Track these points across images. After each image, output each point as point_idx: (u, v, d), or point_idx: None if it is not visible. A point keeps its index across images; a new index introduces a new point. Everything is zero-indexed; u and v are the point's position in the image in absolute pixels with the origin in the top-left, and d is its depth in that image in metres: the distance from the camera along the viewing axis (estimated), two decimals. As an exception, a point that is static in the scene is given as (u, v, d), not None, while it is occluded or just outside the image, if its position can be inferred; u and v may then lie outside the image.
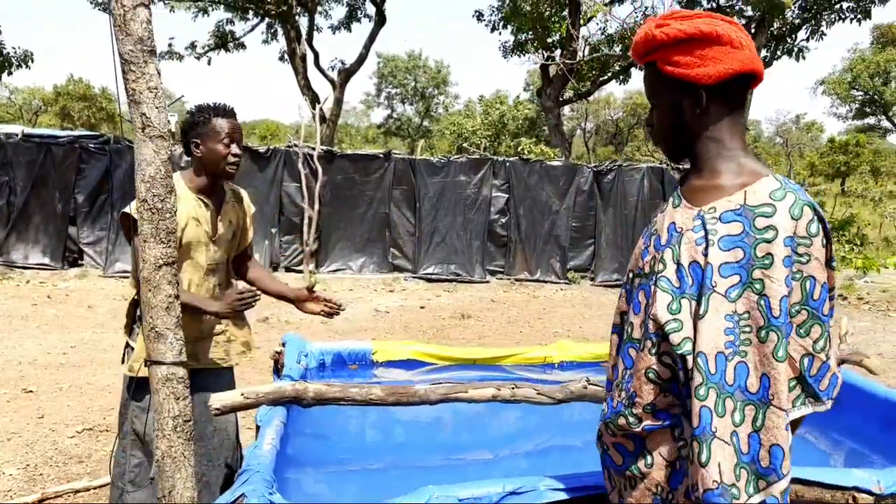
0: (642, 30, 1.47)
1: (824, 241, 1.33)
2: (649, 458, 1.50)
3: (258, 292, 2.55)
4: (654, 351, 1.45)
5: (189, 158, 2.60)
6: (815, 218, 1.32)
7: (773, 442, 1.32)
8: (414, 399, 3.20)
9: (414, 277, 10.86)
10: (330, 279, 10.52)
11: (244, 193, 2.89)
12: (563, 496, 2.11)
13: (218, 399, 2.80)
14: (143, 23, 1.78)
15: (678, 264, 1.41)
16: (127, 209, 2.35)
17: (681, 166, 11.90)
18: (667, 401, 1.45)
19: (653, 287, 1.45)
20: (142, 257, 1.84)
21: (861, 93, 38.88)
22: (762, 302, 1.30)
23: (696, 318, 1.36)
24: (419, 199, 10.86)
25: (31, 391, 5.19)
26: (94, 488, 3.62)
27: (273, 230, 10.58)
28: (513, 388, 3.33)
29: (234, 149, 2.54)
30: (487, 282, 11.02)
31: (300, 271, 10.54)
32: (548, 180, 11.15)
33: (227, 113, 2.55)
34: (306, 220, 10.50)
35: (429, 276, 10.86)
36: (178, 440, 1.87)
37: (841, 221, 18.12)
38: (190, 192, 2.56)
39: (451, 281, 10.83)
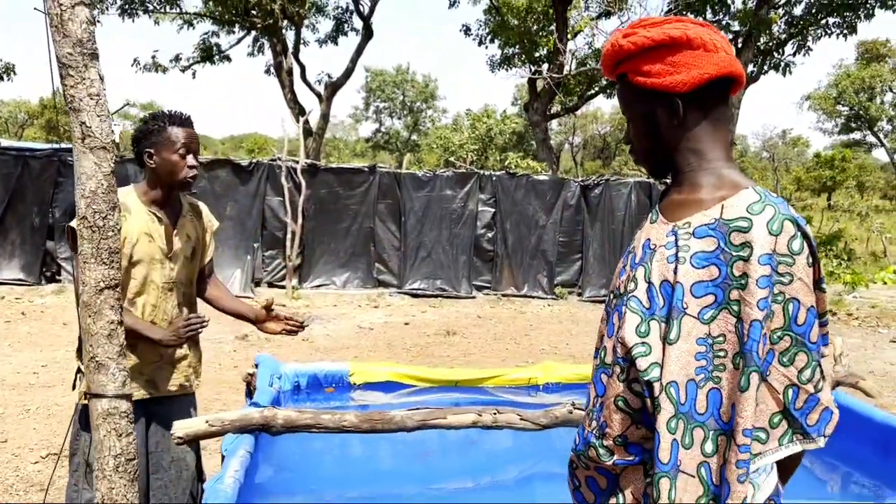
0: (609, 41, 1.37)
1: (810, 260, 1.21)
2: (621, 497, 1.36)
3: (205, 319, 2.38)
4: (622, 377, 1.32)
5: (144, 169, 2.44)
6: (798, 234, 1.20)
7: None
8: (390, 426, 3.03)
9: (399, 293, 10.69)
10: (313, 295, 10.33)
11: (204, 207, 2.73)
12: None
13: (181, 427, 2.63)
14: (83, 23, 1.63)
15: (649, 283, 1.31)
16: (74, 223, 2.18)
17: (668, 181, 11.79)
18: (639, 433, 1.33)
19: (623, 308, 1.34)
20: (82, 280, 1.68)
21: (846, 108, 39.18)
22: (738, 325, 1.19)
23: (666, 342, 1.26)
24: (404, 213, 10.71)
25: (-5, 413, 4.98)
26: (52, 520, 3.42)
27: (255, 245, 10.39)
28: (494, 414, 3.18)
29: (191, 160, 2.39)
30: (474, 297, 10.87)
31: (283, 286, 10.36)
32: (535, 195, 11.03)
33: (183, 121, 2.40)
34: (289, 235, 10.33)
35: (414, 292, 10.69)
36: (119, 481, 1.70)
37: (828, 236, 18.14)
38: (142, 206, 2.40)
39: (436, 296, 10.66)
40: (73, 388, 2.46)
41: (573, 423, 3.10)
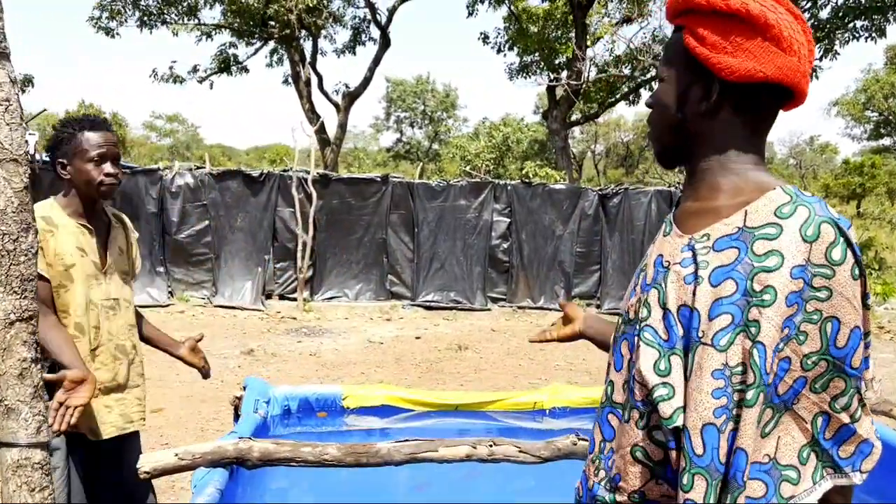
0: None
1: (855, 272, 1.01)
2: None
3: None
4: (641, 424, 1.12)
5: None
6: (841, 240, 1.00)
7: None
8: (375, 459, 2.79)
9: (412, 305, 10.46)
10: (325, 307, 10.15)
11: (125, 217, 2.51)
12: None
13: (148, 461, 2.42)
14: (-11, 15, 1.42)
15: (665, 309, 1.10)
16: None
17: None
18: (659, 489, 1.12)
19: (636, 339, 1.14)
20: (-10, 311, 1.47)
21: (875, 114, 38.42)
22: (755, 351, 0.99)
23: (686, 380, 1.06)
24: (418, 223, 10.49)
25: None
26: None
27: (266, 257, 10.24)
28: (490, 446, 2.92)
29: (108, 167, 2.18)
30: (489, 309, 10.61)
31: (294, 299, 10.18)
32: (551, 204, 10.75)
33: (97, 125, 2.20)
34: (301, 246, 10.16)
35: (428, 304, 10.46)
36: (33, 545, 1.48)
37: (859, 245, 17.64)
38: (69, 219, 2.19)
39: (450, 309, 10.42)
40: None
41: (578, 456, 2.84)
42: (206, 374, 2.70)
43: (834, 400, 1.03)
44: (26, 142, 1.50)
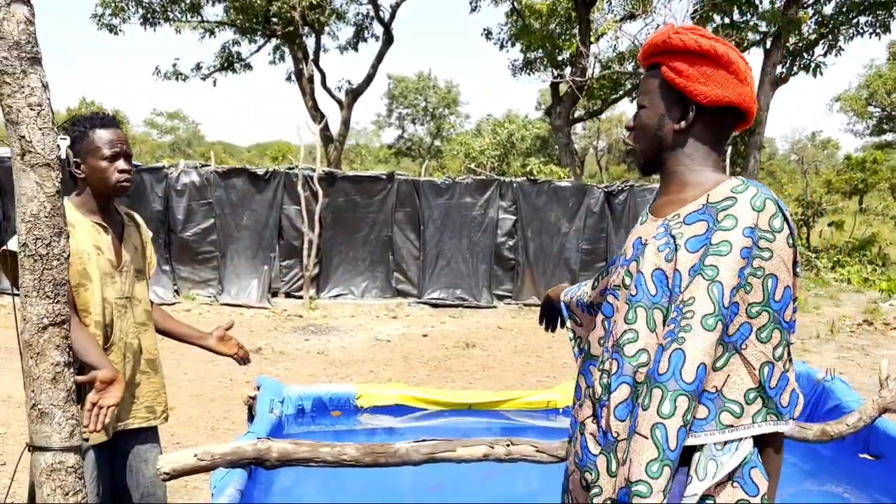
0: (659, 32, 1.45)
1: (790, 241, 1.27)
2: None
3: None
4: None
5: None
6: (780, 213, 1.26)
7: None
8: (394, 459, 2.79)
9: (418, 303, 10.46)
10: (331, 305, 10.15)
11: (137, 216, 2.51)
12: None
13: (168, 462, 2.43)
14: (21, 23, 1.42)
15: (639, 273, 1.36)
16: (10, 245, 1.94)
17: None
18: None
19: (616, 301, 1.43)
20: (23, 316, 1.47)
21: (878, 109, 38.34)
22: (713, 288, 1.23)
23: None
24: (423, 221, 10.49)
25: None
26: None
27: (272, 255, 10.24)
28: (508, 445, 2.92)
29: (122, 163, 2.18)
30: (495, 307, 10.61)
31: (300, 297, 10.19)
32: (556, 201, 10.74)
33: (107, 122, 2.20)
34: (306, 244, 10.16)
35: (434, 302, 10.46)
36: (67, 546, 1.49)
37: (861, 241, 17.59)
38: (84, 218, 2.19)
39: (456, 306, 10.42)
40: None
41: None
42: (242, 360, 2.68)
43: (774, 349, 1.25)
44: (58, 146, 1.50)
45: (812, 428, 3.21)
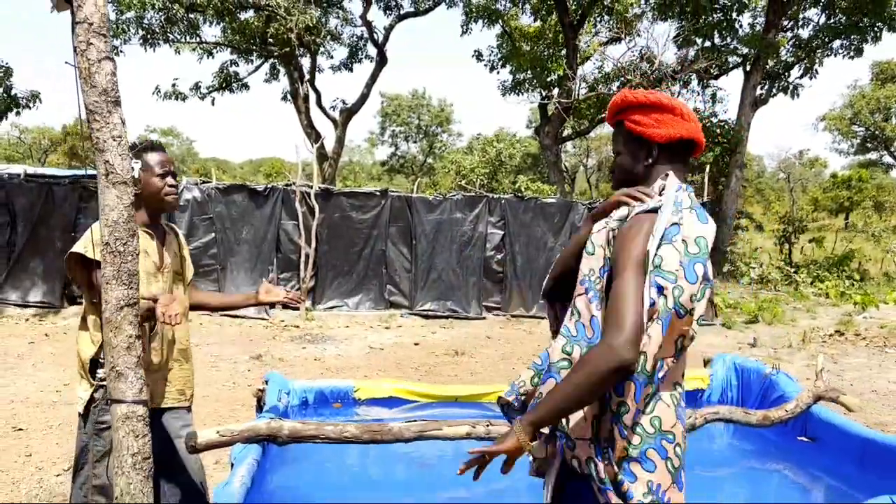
0: (616, 96, 1.83)
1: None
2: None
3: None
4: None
5: None
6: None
7: None
8: (388, 437, 3.23)
9: (410, 314, 10.89)
10: (326, 316, 10.56)
11: (177, 228, 3.05)
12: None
13: (193, 437, 2.85)
14: (108, 75, 1.87)
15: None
16: (76, 249, 2.42)
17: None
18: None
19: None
20: (104, 298, 1.91)
21: (862, 128, 39.09)
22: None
23: None
24: (415, 236, 10.95)
25: (20, 429, 5.22)
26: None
27: (270, 268, 10.65)
28: (487, 426, 3.37)
29: (170, 180, 2.66)
30: (484, 318, 11.05)
31: (297, 308, 10.57)
32: (543, 217, 11.23)
33: (156, 147, 2.68)
34: (303, 258, 10.59)
35: (425, 313, 10.89)
36: (136, 477, 1.91)
37: (840, 256, 18.09)
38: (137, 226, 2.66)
39: (447, 317, 10.86)
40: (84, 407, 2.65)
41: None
42: (295, 302, 2.99)
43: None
44: (132, 168, 1.95)
45: (756, 414, 3.65)
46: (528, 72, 19.30)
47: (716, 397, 4.54)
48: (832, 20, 16.31)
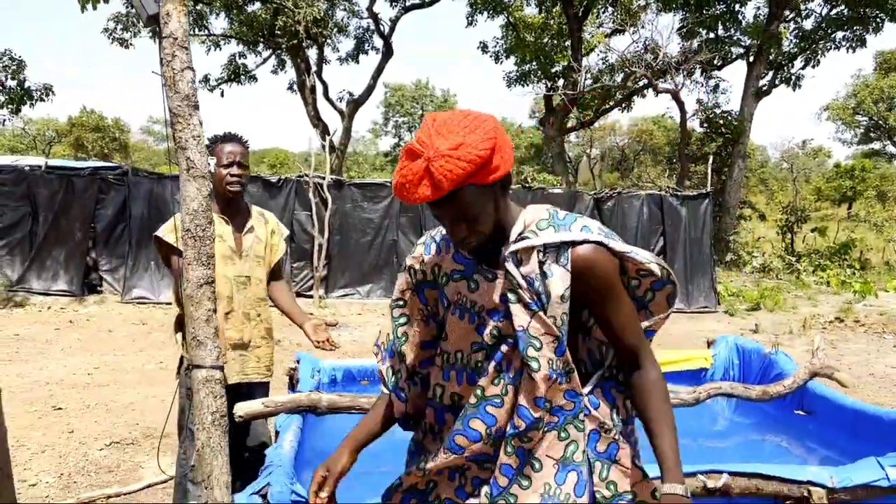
0: (458, 168, 1.68)
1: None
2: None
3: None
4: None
5: None
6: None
7: None
8: (418, 408, 3.51)
9: (421, 302, 11.16)
10: (339, 303, 10.85)
11: (272, 216, 3.21)
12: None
13: (240, 408, 3.14)
14: (189, 82, 2.14)
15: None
16: (159, 232, 2.71)
17: (681, 191, 12.29)
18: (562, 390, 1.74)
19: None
20: (186, 277, 2.18)
21: (865, 118, 39.21)
22: None
23: None
24: (425, 226, 11.21)
25: (60, 408, 5.52)
26: (125, 493, 3.93)
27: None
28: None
29: (234, 170, 2.86)
30: (492, 306, 11.31)
31: (311, 296, 10.89)
32: (550, 207, 11.48)
33: (229, 138, 2.90)
34: (316, 247, 10.87)
35: (435, 301, 11.16)
36: (215, 432, 2.19)
37: (840, 245, 18.32)
38: (213, 214, 2.92)
39: (456, 305, 11.13)
40: (178, 373, 2.96)
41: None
42: (323, 348, 3.10)
43: None
44: (208, 163, 2.22)
45: (755, 389, 3.93)
46: (534, 63, 19.51)
47: (719, 375, 4.82)
48: (834, 11, 16.51)
